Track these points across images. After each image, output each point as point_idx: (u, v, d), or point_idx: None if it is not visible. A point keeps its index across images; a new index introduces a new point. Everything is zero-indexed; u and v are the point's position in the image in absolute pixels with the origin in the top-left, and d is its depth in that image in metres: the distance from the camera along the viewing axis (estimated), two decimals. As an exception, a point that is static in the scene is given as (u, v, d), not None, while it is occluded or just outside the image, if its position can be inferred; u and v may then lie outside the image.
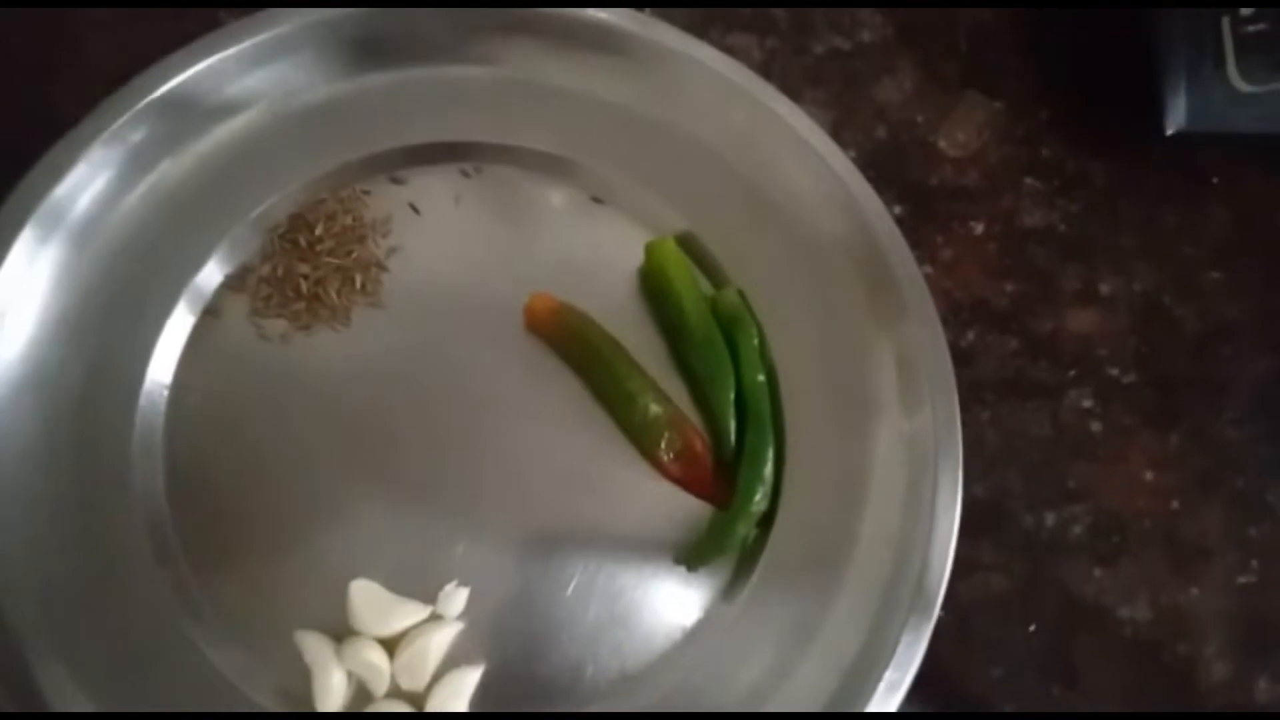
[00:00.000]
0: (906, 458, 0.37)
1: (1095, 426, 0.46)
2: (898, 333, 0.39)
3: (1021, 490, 0.45)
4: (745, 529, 0.37)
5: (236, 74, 0.40)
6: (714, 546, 0.37)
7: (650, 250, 0.40)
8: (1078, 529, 0.44)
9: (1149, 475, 0.46)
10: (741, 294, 0.40)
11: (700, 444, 0.38)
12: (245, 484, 0.36)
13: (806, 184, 0.41)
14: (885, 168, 0.48)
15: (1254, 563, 0.44)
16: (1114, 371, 0.47)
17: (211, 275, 0.39)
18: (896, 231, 0.40)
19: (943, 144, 0.52)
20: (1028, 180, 0.51)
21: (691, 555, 0.37)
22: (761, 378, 0.38)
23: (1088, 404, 0.47)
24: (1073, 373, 0.47)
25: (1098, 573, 0.43)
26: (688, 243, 0.41)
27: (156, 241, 0.38)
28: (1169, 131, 0.48)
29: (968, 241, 0.50)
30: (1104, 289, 0.49)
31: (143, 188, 0.39)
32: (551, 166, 0.42)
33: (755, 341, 0.39)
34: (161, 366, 0.37)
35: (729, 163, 0.43)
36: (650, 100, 0.43)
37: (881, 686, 0.33)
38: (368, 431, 0.38)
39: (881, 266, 0.39)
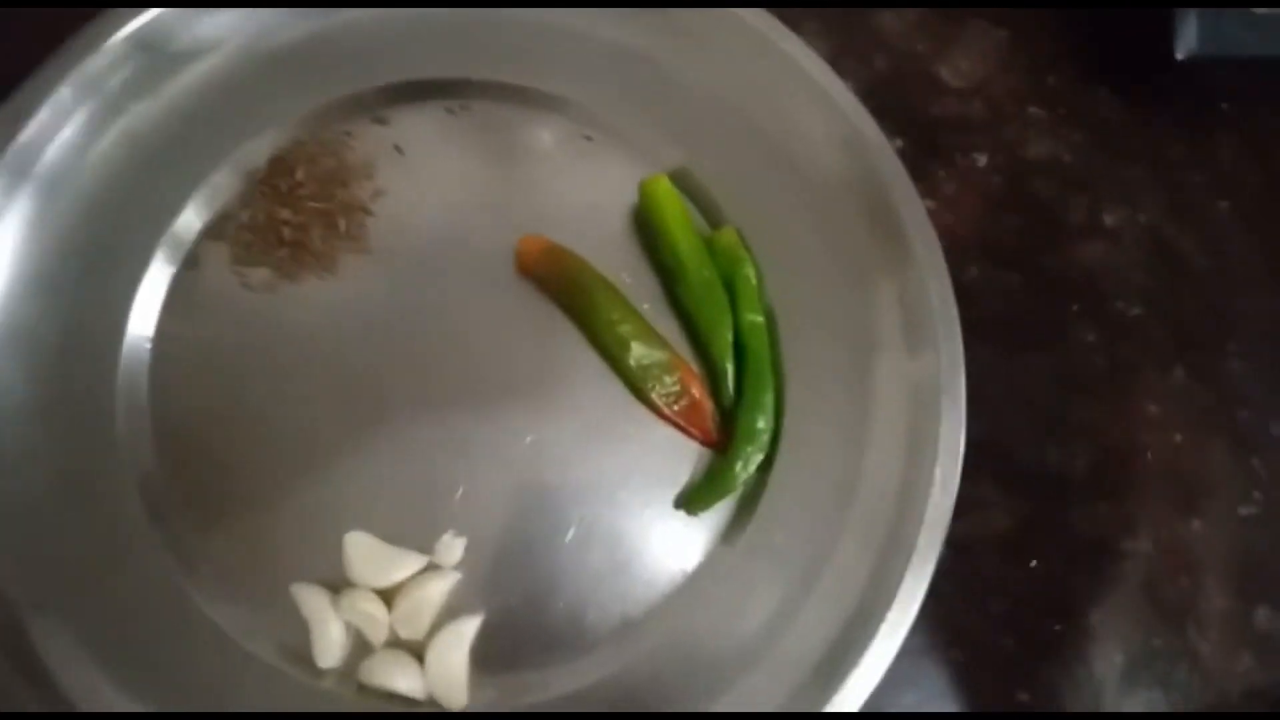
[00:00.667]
0: (909, 399, 0.36)
1: (1099, 361, 0.45)
2: (901, 272, 0.37)
3: (1023, 426, 0.43)
4: (744, 472, 0.35)
5: (208, 10, 0.37)
6: (713, 490, 0.36)
7: (644, 189, 0.38)
8: (1080, 464, 0.43)
9: (1152, 409, 0.44)
10: (739, 233, 0.38)
11: (697, 388, 0.36)
12: (235, 437, 0.35)
13: (806, 117, 0.39)
14: (885, 99, 0.46)
15: (1256, 494, 0.43)
16: (1118, 305, 0.46)
17: (190, 223, 0.37)
18: (900, 167, 0.38)
19: (945, 74, 0.50)
20: (1031, 110, 0.49)
21: (691, 499, 0.36)
22: (760, 319, 0.37)
23: (1091, 339, 0.45)
24: (1075, 307, 0.46)
25: (1100, 508, 0.42)
26: (683, 179, 0.39)
27: (130, 190, 0.36)
28: (1179, 56, 0.46)
29: (970, 174, 0.48)
30: (1109, 221, 0.48)
31: (113, 133, 0.37)
32: (540, 103, 0.40)
33: (754, 282, 0.37)
34: (143, 319, 0.36)
35: (725, 96, 0.40)
36: (642, 31, 0.41)
37: (884, 628, 0.32)
38: (358, 380, 0.36)
39: (885, 204, 0.37)
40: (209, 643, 0.32)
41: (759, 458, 0.36)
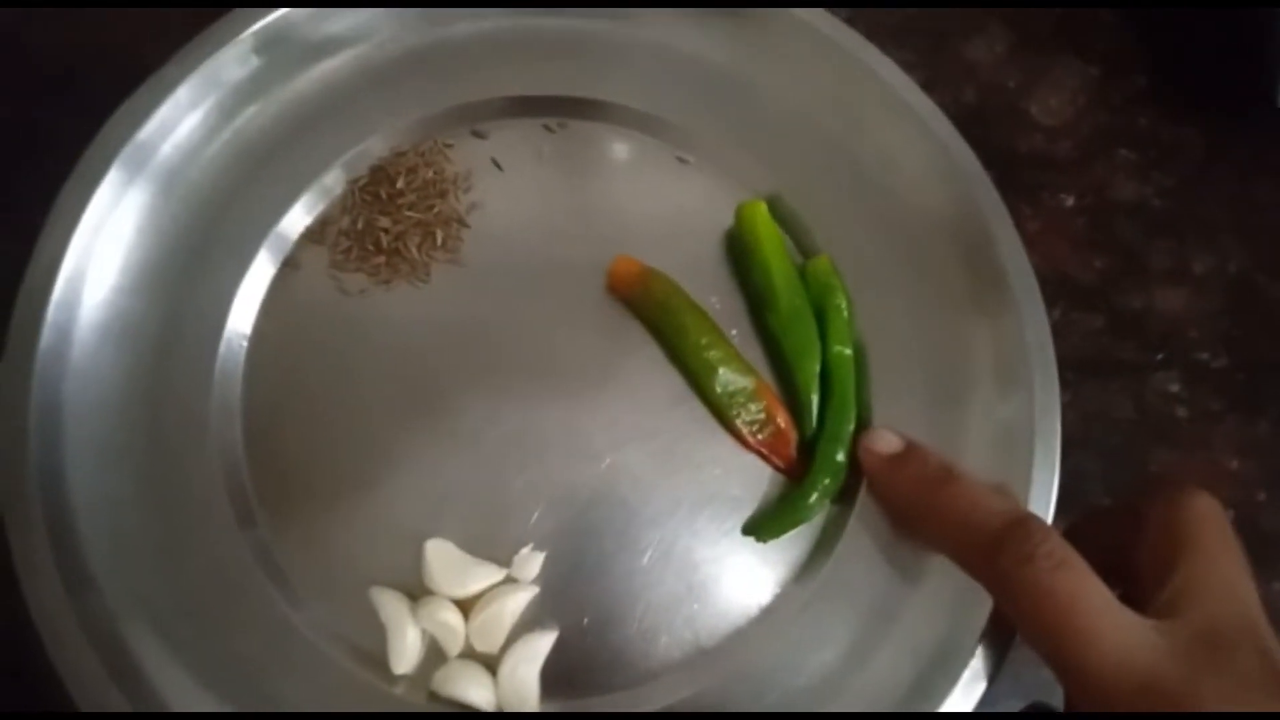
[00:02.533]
0: (1000, 441, 0.34)
1: (1180, 411, 0.43)
2: (997, 310, 0.35)
3: (1100, 474, 0.41)
4: (818, 503, 0.34)
5: (322, 18, 0.37)
6: (784, 519, 0.34)
7: (741, 213, 0.37)
8: (1158, 516, 0.41)
9: (1234, 464, 0.42)
10: (831, 261, 0.37)
11: (782, 417, 0.35)
12: (322, 439, 0.34)
13: (903, 147, 0.38)
14: (972, 133, 0.44)
15: (1341, 558, 0.40)
16: (1203, 355, 0.44)
17: (292, 226, 0.37)
18: (999, 202, 0.36)
19: (1034, 110, 0.48)
20: (1121, 151, 0.47)
21: (761, 526, 0.34)
22: (848, 351, 0.35)
23: (1174, 388, 0.43)
24: (1160, 355, 0.43)
25: (1177, 562, 0.40)
26: (775, 206, 0.38)
27: (239, 190, 0.36)
28: (1281, 103, 0.43)
29: (1056, 214, 0.46)
30: (1196, 267, 0.45)
31: (227, 134, 0.36)
32: (636, 123, 0.39)
33: (845, 313, 0.36)
34: (241, 317, 0.35)
35: (820, 123, 0.39)
36: (739, 55, 0.40)
37: (965, 675, 0.31)
38: (444, 390, 0.35)
39: (982, 239, 0.35)
40: (287, 641, 0.32)
41: (834, 490, 0.34)
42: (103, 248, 0.34)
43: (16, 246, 0.33)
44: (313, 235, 0.37)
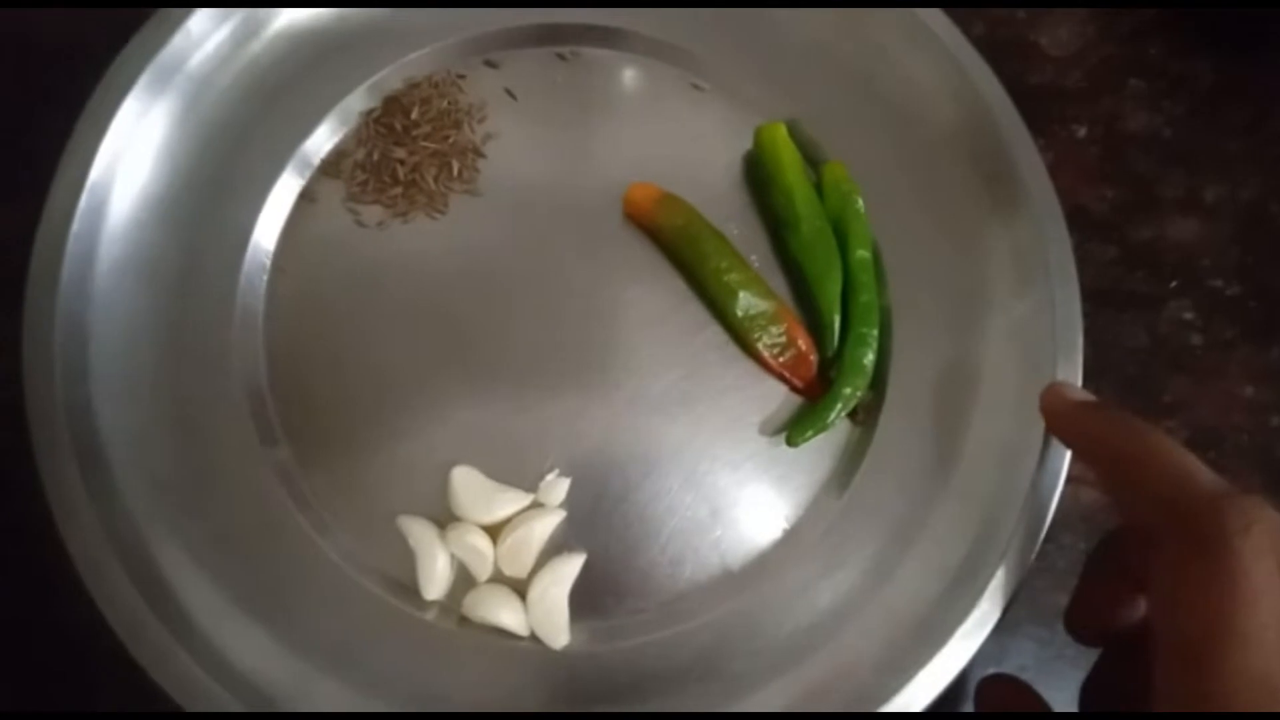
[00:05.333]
0: (1022, 355, 0.34)
1: (1194, 339, 0.43)
2: (1016, 226, 0.35)
3: (1115, 402, 0.41)
4: (846, 407, 0.34)
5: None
6: (812, 422, 0.34)
7: (761, 135, 0.36)
8: (1172, 443, 0.41)
9: (1249, 390, 0.42)
10: (844, 166, 0.37)
11: (804, 340, 0.35)
12: (344, 370, 0.34)
13: (921, 69, 0.37)
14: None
15: (1355, 481, 0.40)
16: (1216, 283, 0.43)
17: (308, 159, 0.36)
18: (1017, 116, 0.36)
19: (1044, 42, 0.47)
20: (1132, 81, 0.47)
21: (791, 429, 0.34)
22: (869, 254, 0.35)
23: (1187, 316, 0.43)
24: (1173, 283, 0.43)
25: (1192, 486, 0.40)
26: (792, 130, 0.37)
27: (252, 121, 0.35)
28: (1296, 30, 0.43)
29: (1067, 145, 0.45)
30: (1208, 196, 0.45)
31: (241, 63, 0.36)
32: (650, 50, 0.38)
33: (863, 214, 0.35)
34: (259, 250, 0.35)
35: (836, 46, 0.38)
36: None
37: (985, 597, 0.30)
38: (465, 320, 0.35)
39: (1002, 158, 0.35)
40: (318, 570, 0.31)
41: (861, 393, 0.34)
42: (120, 180, 0.34)
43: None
44: (328, 168, 0.36)
